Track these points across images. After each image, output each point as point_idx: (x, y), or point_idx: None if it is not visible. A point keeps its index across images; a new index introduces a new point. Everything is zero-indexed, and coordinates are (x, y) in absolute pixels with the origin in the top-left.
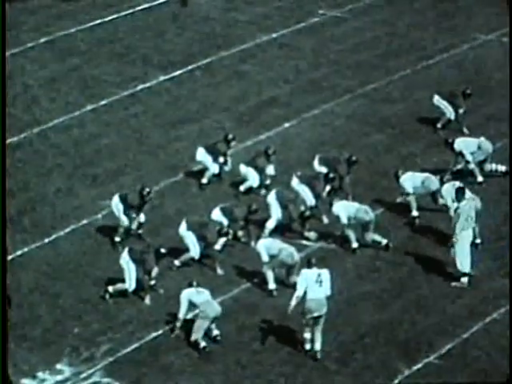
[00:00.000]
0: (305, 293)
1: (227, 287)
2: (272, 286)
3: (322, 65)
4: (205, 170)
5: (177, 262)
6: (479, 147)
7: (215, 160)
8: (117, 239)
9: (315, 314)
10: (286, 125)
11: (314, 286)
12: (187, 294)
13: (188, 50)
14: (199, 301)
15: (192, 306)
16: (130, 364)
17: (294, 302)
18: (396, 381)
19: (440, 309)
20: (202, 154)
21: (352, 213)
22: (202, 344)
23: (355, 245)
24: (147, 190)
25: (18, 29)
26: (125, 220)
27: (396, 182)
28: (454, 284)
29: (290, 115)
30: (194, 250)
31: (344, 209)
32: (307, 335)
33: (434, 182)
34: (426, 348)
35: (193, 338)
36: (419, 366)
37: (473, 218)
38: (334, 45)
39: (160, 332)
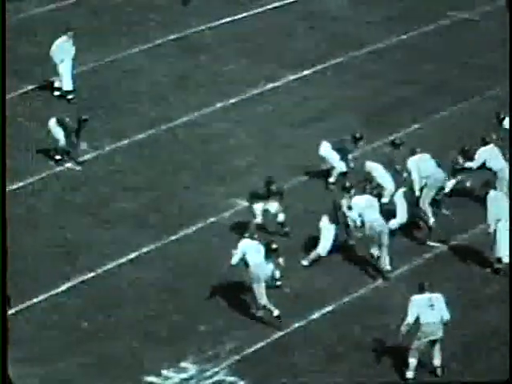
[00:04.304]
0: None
1: (354, 287)
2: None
3: (451, 66)
4: (332, 168)
5: (305, 262)
6: None
7: (342, 158)
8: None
9: (431, 338)
10: (415, 126)
11: (426, 310)
12: (245, 246)
13: (318, 50)
14: (251, 261)
15: (245, 264)
16: (255, 363)
17: (404, 329)
18: None
19: None
20: (326, 150)
21: None
22: (276, 312)
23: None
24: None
25: (146, 25)
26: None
27: None
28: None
29: (419, 116)
30: (323, 247)
31: None
32: (413, 360)
33: None
34: None
35: (261, 303)
36: None
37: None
38: (463, 47)
39: (286, 331)
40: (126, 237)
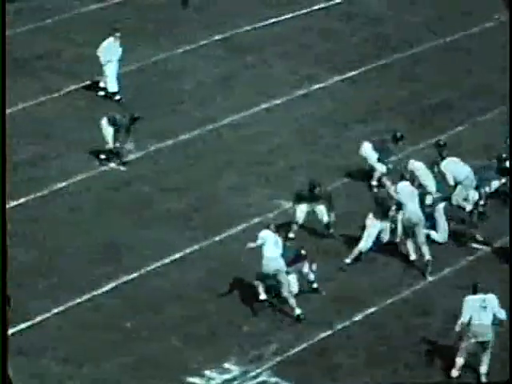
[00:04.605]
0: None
1: (396, 288)
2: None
3: (494, 69)
4: (373, 169)
5: (347, 260)
6: None
7: (382, 158)
8: (291, 235)
9: (479, 339)
10: (459, 128)
11: (479, 311)
12: (265, 236)
13: (361, 52)
14: (267, 253)
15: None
16: (298, 364)
17: (458, 328)
18: None
19: None
20: (367, 150)
21: None
22: (261, 297)
23: None
24: (318, 185)
25: (192, 26)
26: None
27: None
28: None
29: (462, 119)
30: (365, 244)
31: None
32: (460, 360)
33: None
34: None
35: (255, 283)
36: None
37: None
38: (506, 49)
39: (328, 332)
40: (169, 237)
